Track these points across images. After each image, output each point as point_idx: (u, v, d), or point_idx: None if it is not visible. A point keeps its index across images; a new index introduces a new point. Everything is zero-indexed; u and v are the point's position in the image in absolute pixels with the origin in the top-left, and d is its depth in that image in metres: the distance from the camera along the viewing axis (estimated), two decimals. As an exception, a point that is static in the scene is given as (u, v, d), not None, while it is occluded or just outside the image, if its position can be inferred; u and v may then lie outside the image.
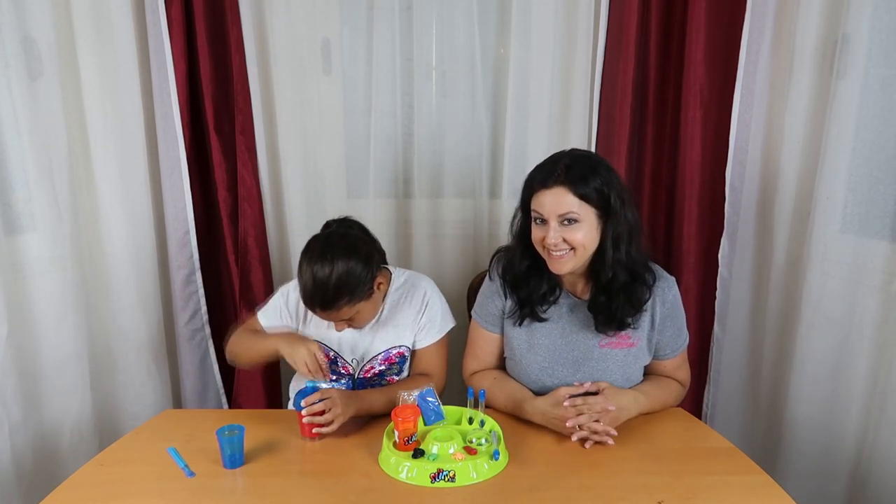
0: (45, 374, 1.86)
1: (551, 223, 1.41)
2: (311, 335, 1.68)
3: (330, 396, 1.44)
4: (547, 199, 1.41)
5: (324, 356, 1.54)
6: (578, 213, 1.39)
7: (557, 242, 1.41)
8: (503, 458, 1.35)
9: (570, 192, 1.39)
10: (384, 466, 1.34)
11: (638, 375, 1.57)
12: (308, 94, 2.11)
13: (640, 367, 1.57)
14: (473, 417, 1.45)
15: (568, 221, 1.40)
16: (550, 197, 1.40)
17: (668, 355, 1.57)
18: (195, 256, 2.10)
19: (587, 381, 1.48)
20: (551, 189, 1.40)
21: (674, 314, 1.55)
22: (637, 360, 1.55)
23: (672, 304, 1.54)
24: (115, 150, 1.95)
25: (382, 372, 1.70)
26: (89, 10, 1.84)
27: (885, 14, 1.60)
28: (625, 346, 1.52)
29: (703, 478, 1.33)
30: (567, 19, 1.99)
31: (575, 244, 1.41)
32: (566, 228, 1.40)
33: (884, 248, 1.62)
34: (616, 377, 1.52)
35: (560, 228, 1.40)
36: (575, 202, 1.39)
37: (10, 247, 1.75)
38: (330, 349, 1.69)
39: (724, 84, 1.87)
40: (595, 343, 1.52)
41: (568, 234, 1.40)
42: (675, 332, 1.56)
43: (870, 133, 1.64)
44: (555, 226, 1.40)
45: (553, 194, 1.40)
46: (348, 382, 1.70)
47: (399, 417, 1.35)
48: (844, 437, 1.72)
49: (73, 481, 1.33)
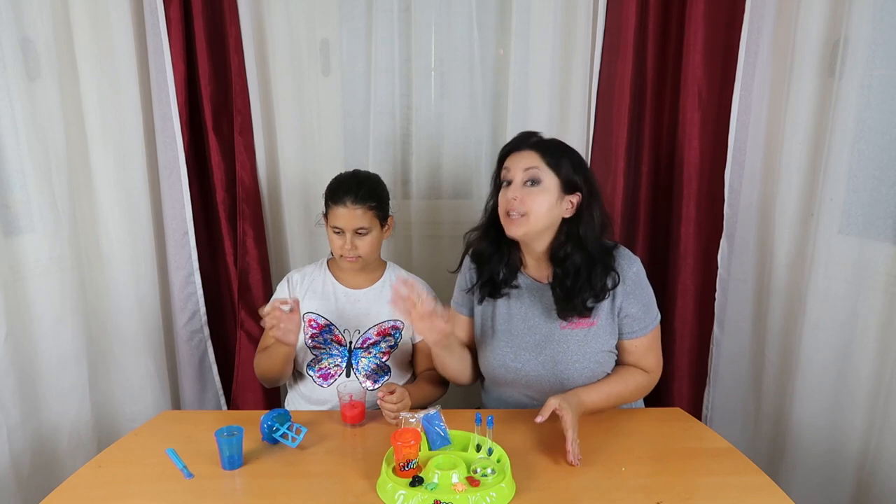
0: (44, 376, 1.85)
1: (515, 181, 1.49)
2: (308, 307, 1.76)
3: (396, 389, 1.53)
4: (516, 159, 1.51)
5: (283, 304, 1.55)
6: (542, 175, 1.48)
7: (515, 197, 1.47)
8: (509, 489, 1.26)
9: (539, 157, 1.49)
10: (381, 493, 1.26)
11: (601, 356, 1.55)
12: (307, 94, 2.11)
13: (602, 347, 1.55)
14: (481, 445, 1.36)
15: (531, 182, 1.48)
16: (520, 157, 1.51)
17: (637, 333, 1.56)
18: (194, 257, 2.10)
19: (549, 362, 1.54)
20: (522, 151, 1.51)
21: (637, 291, 1.55)
22: (598, 338, 1.54)
23: (634, 281, 1.55)
24: (113, 151, 1.95)
25: (376, 342, 1.76)
26: (87, 11, 1.84)
27: (886, 15, 1.59)
28: (585, 326, 1.54)
29: (703, 478, 1.33)
30: (565, 20, 1.99)
31: (529, 206, 1.47)
32: (527, 190, 1.48)
33: (887, 249, 1.61)
34: (577, 357, 1.53)
35: (521, 188, 1.48)
36: (542, 164, 1.49)
37: (8, 248, 1.74)
38: (324, 318, 1.75)
39: (723, 85, 1.87)
40: (556, 326, 1.55)
41: (526, 194, 1.47)
42: (642, 308, 1.55)
43: (872, 134, 1.64)
44: (517, 184, 1.49)
45: (522, 155, 1.51)
46: (343, 351, 1.76)
47: (398, 442, 1.27)
48: (849, 439, 1.71)
49: (72, 483, 1.33)
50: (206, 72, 1.99)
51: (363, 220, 1.68)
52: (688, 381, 2.06)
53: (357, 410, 1.54)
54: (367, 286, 1.79)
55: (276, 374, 1.74)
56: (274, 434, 1.44)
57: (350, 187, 1.68)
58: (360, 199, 1.67)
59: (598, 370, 1.55)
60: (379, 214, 1.71)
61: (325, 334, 1.76)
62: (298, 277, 1.82)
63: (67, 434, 1.92)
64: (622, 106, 1.92)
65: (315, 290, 1.79)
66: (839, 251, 1.70)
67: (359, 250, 1.69)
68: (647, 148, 2.02)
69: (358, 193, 1.67)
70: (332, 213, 1.70)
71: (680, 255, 1.98)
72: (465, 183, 2.20)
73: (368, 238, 1.70)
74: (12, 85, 1.70)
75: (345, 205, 1.67)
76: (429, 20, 2.11)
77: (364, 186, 1.70)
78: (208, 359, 2.20)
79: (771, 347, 1.92)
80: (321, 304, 1.78)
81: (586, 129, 2.02)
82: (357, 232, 1.68)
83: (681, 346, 2.02)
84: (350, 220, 1.67)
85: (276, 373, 1.72)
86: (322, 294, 1.79)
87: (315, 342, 1.76)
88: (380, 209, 1.71)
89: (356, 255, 1.69)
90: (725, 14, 1.84)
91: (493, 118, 2.15)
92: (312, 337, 1.76)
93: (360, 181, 1.72)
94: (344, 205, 1.67)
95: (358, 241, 1.69)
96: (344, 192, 1.68)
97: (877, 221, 1.65)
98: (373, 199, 1.69)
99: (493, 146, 2.16)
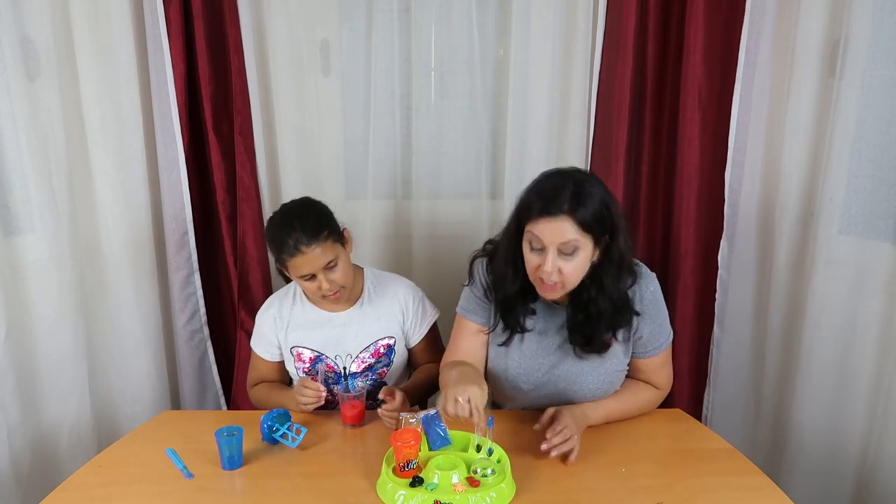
0: (44, 376, 1.85)
1: (549, 251, 1.34)
2: (294, 340, 1.68)
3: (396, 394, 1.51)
4: (549, 228, 1.33)
5: (315, 378, 1.55)
6: (579, 243, 1.34)
7: (553, 272, 1.35)
8: (509, 489, 1.26)
9: (574, 223, 1.32)
10: (381, 493, 1.27)
11: (614, 376, 1.53)
12: (307, 95, 2.10)
13: (616, 368, 1.52)
14: (481, 445, 1.35)
15: (567, 251, 1.35)
16: (553, 226, 1.33)
17: (650, 352, 1.54)
18: (194, 257, 2.10)
19: (562, 382, 1.50)
20: (556, 218, 1.32)
21: (653, 311, 1.50)
22: (612, 360, 1.51)
23: (651, 301, 1.49)
24: (113, 151, 1.95)
25: (372, 366, 1.70)
26: (87, 11, 1.84)
27: (886, 15, 1.60)
28: None
29: (703, 479, 1.33)
30: (565, 20, 1.98)
31: (566, 276, 1.36)
32: (563, 261, 1.35)
33: (887, 249, 1.61)
34: (591, 379, 1.50)
35: (557, 259, 1.34)
36: (578, 232, 1.33)
37: (8, 248, 1.74)
38: (312, 350, 1.69)
39: (723, 85, 1.87)
40: (570, 347, 1.51)
41: (564, 264, 1.35)
42: (656, 328, 1.52)
43: (873, 135, 1.64)
44: (553, 255, 1.34)
45: (556, 224, 1.32)
46: (338, 377, 1.70)
47: (398, 442, 1.27)
48: (849, 439, 1.71)
49: (72, 482, 1.33)
50: (206, 72, 1.99)
51: (327, 255, 1.52)
52: (688, 381, 2.06)
53: (357, 410, 1.54)
54: (350, 306, 1.69)
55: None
56: (274, 434, 1.44)
57: (292, 231, 1.50)
58: (312, 235, 1.50)
59: (610, 389, 1.54)
60: (335, 237, 1.56)
61: (317, 365, 1.68)
62: (275, 313, 1.70)
63: (67, 434, 1.92)
64: (622, 106, 1.92)
65: (296, 321, 1.69)
66: (839, 251, 1.70)
67: (338, 283, 1.56)
68: (647, 148, 2.01)
69: (306, 232, 1.50)
70: (292, 266, 1.54)
71: (680, 255, 1.98)
72: (465, 183, 2.20)
73: (340, 266, 1.56)
74: (12, 85, 1.70)
75: (301, 252, 1.50)
76: (429, 20, 2.11)
77: (306, 221, 1.52)
78: (208, 359, 2.20)
79: (771, 347, 1.92)
80: (306, 335, 1.68)
81: (586, 130, 2.02)
82: (327, 267, 1.54)
83: (681, 346, 2.01)
84: (314, 262, 1.51)
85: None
86: (304, 324, 1.68)
87: (310, 375, 1.68)
88: (333, 232, 1.56)
89: (337, 288, 1.57)
90: (725, 14, 1.84)
91: (493, 118, 2.15)
92: (306, 371, 1.69)
93: (298, 217, 1.54)
94: (301, 252, 1.50)
95: (331, 275, 1.54)
96: (293, 241, 1.50)
97: (877, 221, 1.66)
98: (322, 227, 1.53)
99: (493, 146, 2.16)
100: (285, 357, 1.72)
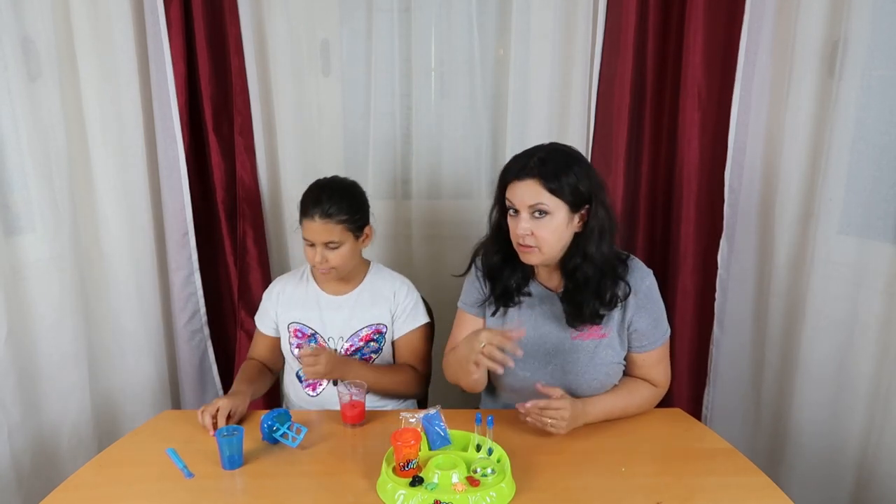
0: (44, 375, 1.85)
1: (522, 214, 1.44)
2: (292, 317, 1.75)
3: (322, 353, 1.59)
4: (519, 190, 1.44)
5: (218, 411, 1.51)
6: (549, 206, 1.42)
7: (525, 234, 1.44)
8: (509, 489, 1.26)
9: (542, 186, 1.42)
10: (381, 493, 1.27)
11: (611, 367, 1.55)
12: (307, 95, 2.11)
13: (612, 360, 1.54)
14: (481, 444, 1.36)
15: (539, 213, 1.43)
16: (522, 188, 1.44)
17: (646, 347, 1.55)
18: (194, 257, 2.10)
19: (558, 371, 1.53)
20: (524, 181, 1.44)
21: (648, 305, 1.54)
22: (608, 350, 1.53)
23: (646, 295, 1.54)
24: (113, 151, 1.95)
25: (360, 348, 1.74)
26: (88, 11, 1.84)
27: (886, 16, 1.59)
28: (595, 337, 1.53)
29: (702, 479, 1.33)
30: (565, 20, 1.99)
31: (541, 239, 1.44)
32: (536, 221, 1.44)
33: (886, 249, 1.61)
34: (587, 368, 1.52)
35: (530, 220, 1.44)
36: (546, 195, 1.42)
37: (8, 248, 1.74)
38: (309, 328, 1.74)
39: (723, 85, 1.88)
40: (567, 335, 1.54)
41: (537, 227, 1.44)
42: (652, 323, 1.54)
43: (872, 135, 1.64)
44: (525, 217, 1.44)
45: (525, 186, 1.43)
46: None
47: (398, 442, 1.27)
48: (848, 439, 1.71)
49: (72, 482, 1.33)
50: (206, 72, 1.99)
51: (332, 235, 1.61)
52: (688, 381, 2.06)
53: (357, 410, 1.54)
54: (348, 292, 1.76)
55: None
56: (274, 434, 1.44)
57: (319, 201, 1.61)
58: (329, 214, 1.60)
59: (607, 382, 1.55)
60: (351, 227, 1.64)
61: (311, 343, 1.74)
62: (280, 288, 1.80)
63: (68, 434, 1.92)
64: (622, 106, 1.92)
65: (297, 299, 1.77)
66: (839, 251, 1.71)
67: (330, 262, 1.64)
68: (647, 148, 2.02)
69: (326, 209, 1.60)
70: (303, 225, 1.65)
71: (680, 255, 1.98)
72: (465, 183, 2.20)
73: (340, 251, 1.64)
74: (13, 85, 1.70)
75: (313, 219, 1.61)
76: (429, 20, 2.11)
77: (334, 200, 1.62)
78: (208, 359, 2.21)
79: (771, 347, 1.92)
80: (304, 313, 1.75)
81: (586, 129, 2.02)
82: (327, 245, 1.63)
83: (681, 346, 2.02)
84: (319, 234, 1.61)
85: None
86: (304, 303, 1.76)
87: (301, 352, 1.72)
88: (351, 222, 1.64)
89: (328, 267, 1.64)
90: (725, 14, 1.84)
91: (493, 118, 2.15)
92: (298, 347, 1.74)
93: (332, 193, 1.63)
94: (312, 219, 1.61)
95: (329, 253, 1.63)
96: (313, 206, 1.61)
97: (876, 221, 1.65)
98: (342, 213, 1.62)
99: (493, 146, 2.16)
100: (281, 333, 1.78)
